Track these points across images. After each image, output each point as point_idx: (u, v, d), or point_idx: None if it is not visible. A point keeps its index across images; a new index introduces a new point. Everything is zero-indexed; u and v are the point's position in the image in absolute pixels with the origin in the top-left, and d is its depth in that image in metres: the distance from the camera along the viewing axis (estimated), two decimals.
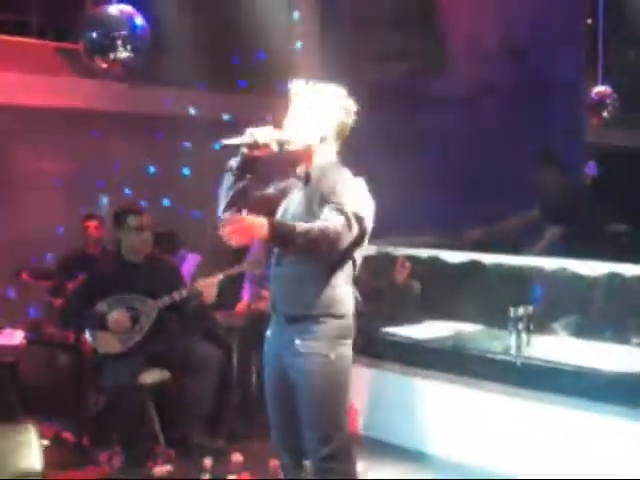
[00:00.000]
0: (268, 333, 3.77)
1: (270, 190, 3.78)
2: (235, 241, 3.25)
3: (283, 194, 3.73)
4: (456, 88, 7.31)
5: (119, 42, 5.94)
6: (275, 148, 3.48)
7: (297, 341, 3.54)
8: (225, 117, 7.78)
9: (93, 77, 6.92)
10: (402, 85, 7.50)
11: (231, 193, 3.56)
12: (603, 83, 7.58)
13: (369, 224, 3.57)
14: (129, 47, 5.99)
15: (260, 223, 3.23)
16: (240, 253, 6.75)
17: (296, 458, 3.76)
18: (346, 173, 3.63)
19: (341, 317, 3.57)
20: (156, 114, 7.45)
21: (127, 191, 6.92)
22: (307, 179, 3.62)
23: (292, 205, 3.64)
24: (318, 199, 3.51)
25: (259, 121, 3.54)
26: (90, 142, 7.34)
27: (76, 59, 6.80)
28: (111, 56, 5.97)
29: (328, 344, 3.54)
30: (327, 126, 3.62)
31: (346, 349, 3.60)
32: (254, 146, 3.44)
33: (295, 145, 3.56)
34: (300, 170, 3.67)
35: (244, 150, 3.47)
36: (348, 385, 3.63)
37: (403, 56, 7.61)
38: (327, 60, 7.35)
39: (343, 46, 7.42)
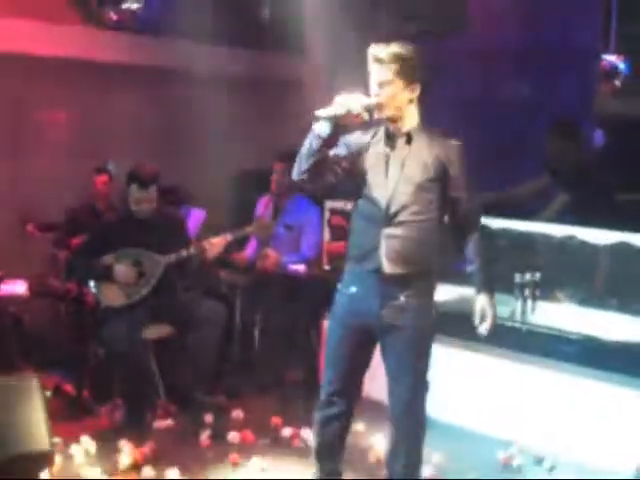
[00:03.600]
0: (354, 289, 3.80)
1: (341, 149, 3.77)
2: None
3: (358, 153, 3.78)
4: (470, 52, 7.24)
5: None
6: (366, 117, 3.58)
7: (402, 297, 3.69)
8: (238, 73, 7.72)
9: (104, 28, 6.86)
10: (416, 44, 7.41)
11: (315, 159, 3.59)
12: (616, 51, 7.49)
13: None
14: None
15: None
16: (244, 210, 6.74)
17: (347, 411, 3.95)
18: (440, 134, 3.81)
19: (434, 273, 3.81)
20: (166, 67, 7.37)
21: (133, 145, 6.85)
22: (408, 140, 3.72)
23: (394, 166, 3.71)
24: (435, 162, 3.69)
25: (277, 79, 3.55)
26: (98, 94, 7.26)
27: (87, 9, 6.75)
28: (122, 7, 5.92)
29: (430, 300, 3.80)
30: (414, 89, 3.69)
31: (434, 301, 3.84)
32: (347, 116, 3.52)
33: (385, 111, 3.66)
34: (394, 130, 3.74)
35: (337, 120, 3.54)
36: None
37: (417, 18, 7.52)
38: (342, 21, 7.28)
39: (358, 8, 7.34)
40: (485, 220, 6.13)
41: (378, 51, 3.65)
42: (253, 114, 7.78)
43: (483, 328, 3.83)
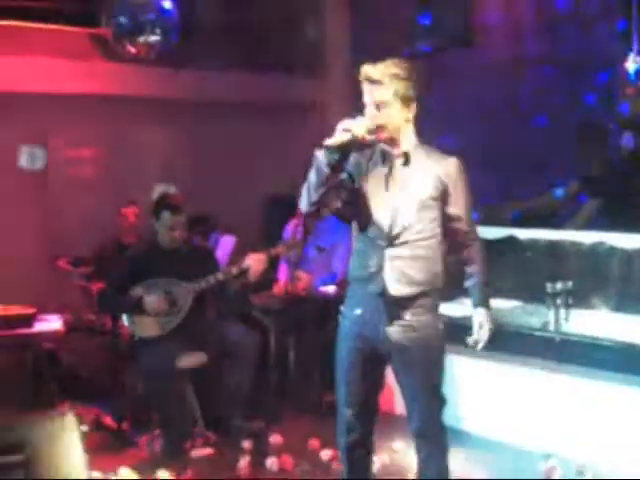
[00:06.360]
0: (358, 311, 3.74)
1: (342, 174, 3.69)
2: None
3: (357, 176, 3.71)
4: (489, 62, 7.21)
5: (147, 26, 5.91)
6: (369, 140, 3.51)
7: (408, 317, 3.65)
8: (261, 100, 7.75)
9: (126, 62, 6.92)
10: (434, 60, 7.41)
11: (324, 188, 3.53)
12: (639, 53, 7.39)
13: None
14: (157, 31, 5.96)
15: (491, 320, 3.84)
16: (274, 235, 6.74)
17: (368, 433, 3.89)
18: (439, 152, 3.75)
19: (441, 289, 3.74)
20: (188, 98, 7.43)
21: (160, 176, 6.90)
22: (407, 159, 3.66)
23: (394, 186, 3.66)
24: (435, 180, 3.64)
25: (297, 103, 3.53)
26: (123, 127, 7.33)
27: (105, 44, 6.81)
28: (139, 40, 5.94)
29: (436, 316, 3.74)
30: (411, 107, 3.64)
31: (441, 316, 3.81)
32: (353, 142, 3.45)
33: (384, 133, 3.59)
34: (391, 150, 3.69)
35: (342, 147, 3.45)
36: None
37: (433, 31, 7.52)
38: (357, 36, 7.31)
39: (373, 22, 7.35)
40: (513, 230, 6.20)
41: (372, 72, 3.56)
42: (278, 138, 7.80)
43: (479, 342, 3.84)
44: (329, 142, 3.43)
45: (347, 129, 3.43)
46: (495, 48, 7.23)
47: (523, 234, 6.02)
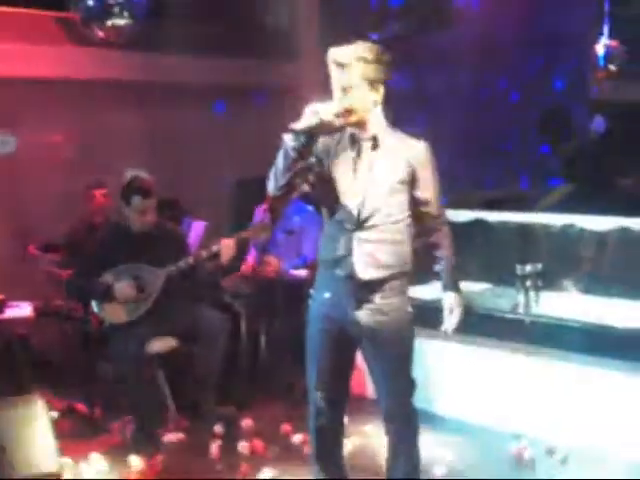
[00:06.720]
0: (327, 295, 3.74)
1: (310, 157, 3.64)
2: None
3: (325, 159, 3.68)
4: (462, 45, 7.22)
5: (115, 9, 5.87)
6: (337, 124, 3.46)
7: (377, 300, 3.65)
8: (227, 83, 7.71)
9: (93, 46, 6.86)
10: (407, 42, 7.41)
11: (292, 172, 3.47)
12: (610, 36, 7.43)
13: None
14: (126, 14, 5.91)
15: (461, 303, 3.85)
16: (243, 219, 6.74)
17: (338, 417, 3.92)
18: (407, 135, 3.73)
19: (409, 272, 3.75)
20: (157, 82, 7.39)
21: (129, 161, 6.85)
22: (375, 143, 3.65)
23: (363, 170, 3.64)
24: (403, 164, 3.62)
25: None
26: (91, 111, 7.28)
27: (73, 28, 6.76)
28: (107, 24, 5.90)
29: (405, 299, 3.75)
30: (379, 90, 3.60)
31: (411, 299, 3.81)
32: (321, 126, 3.40)
33: (353, 117, 3.55)
34: (360, 134, 3.66)
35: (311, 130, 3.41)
36: None
37: (407, 12, 7.51)
38: (328, 18, 7.29)
39: (345, 3, 7.34)
40: (482, 213, 6.22)
41: (339, 55, 3.53)
42: (249, 123, 7.78)
43: (450, 325, 3.87)
44: (296, 125, 3.40)
45: (315, 112, 3.40)
46: (468, 32, 7.23)
47: (492, 217, 6.05)
